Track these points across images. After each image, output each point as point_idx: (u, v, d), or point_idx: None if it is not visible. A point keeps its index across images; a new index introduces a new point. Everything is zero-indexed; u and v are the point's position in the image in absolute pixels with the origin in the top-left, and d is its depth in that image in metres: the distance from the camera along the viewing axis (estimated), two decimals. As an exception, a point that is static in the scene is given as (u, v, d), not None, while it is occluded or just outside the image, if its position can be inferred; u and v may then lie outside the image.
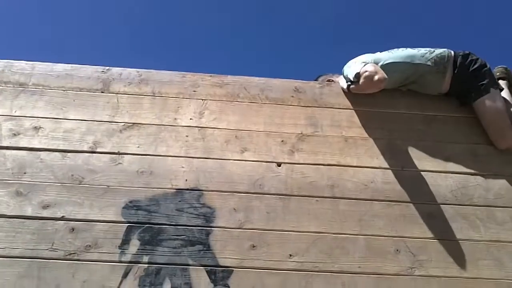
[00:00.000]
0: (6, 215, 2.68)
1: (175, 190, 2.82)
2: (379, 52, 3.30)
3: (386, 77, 3.01)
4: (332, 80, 3.47)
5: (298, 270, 2.65)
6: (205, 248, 2.66)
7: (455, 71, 3.21)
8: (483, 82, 3.16)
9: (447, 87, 3.25)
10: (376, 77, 3.01)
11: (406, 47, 3.32)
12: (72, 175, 2.83)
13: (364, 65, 3.10)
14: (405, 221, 2.82)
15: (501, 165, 3.06)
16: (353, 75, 3.13)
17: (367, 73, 3.04)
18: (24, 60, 3.29)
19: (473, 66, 3.20)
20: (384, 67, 3.13)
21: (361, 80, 3.07)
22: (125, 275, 2.56)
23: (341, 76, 3.36)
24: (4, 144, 2.91)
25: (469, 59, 3.23)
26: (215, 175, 2.89)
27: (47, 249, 2.60)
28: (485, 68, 3.21)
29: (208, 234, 2.70)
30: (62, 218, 2.69)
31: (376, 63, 3.16)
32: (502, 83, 3.37)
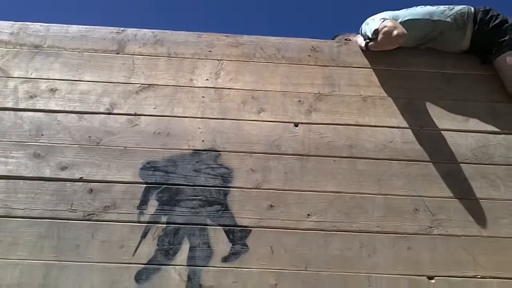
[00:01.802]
0: (24, 176, 2.70)
1: (192, 151, 2.82)
2: (397, 10, 3.24)
3: (405, 32, 2.96)
4: (350, 39, 3.41)
5: (316, 230, 2.66)
6: (223, 208, 2.67)
7: (476, 27, 3.15)
8: (505, 38, 3.09)
9: (467, 44, 3.18)
10: (395, 32, 2.96)
11: (426, 4, 3.26)
12: (90, 137, 2.83)
13: (383, 21, 3.04)
14: (424, 181, 2.81)
15: (523, 124, 3.02)
16: (372, 32, 3.08)
17: (385, 29, 2.99)
18: (39, 22, 3.26)
19: (493, 22, 3.13)
20: (403, 24, 3.06)
21: (380, 36, 3.02)
22: (143, 235, 2.58)
23: (359, 35, 3.31)
24: (21, 106, 2.91)
25: (489, 15, 3.15)
26: (232, 136, 2.88)
27: (66, 210, 2.62)
28: (507, 24, 3.13)
29: (226, 194, 2.71)
30: (80, 180, 2.70)
31: (394, 20, 3.09)
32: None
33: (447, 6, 3.22)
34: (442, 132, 2.95)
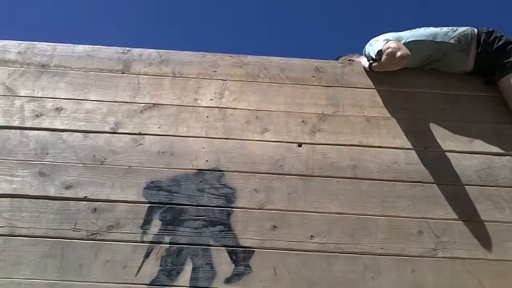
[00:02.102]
0: (29, 195, 2.71)
1: (196, 171, 2.82)
2: (400, 32, 3.24)
3: (409, 53, 2.97)
4: (353, 60, 3.42)
5: (320, 251, 2.65)
6: (226, 229, 2.66)
7: (479, 49, 3.14)
8: (509, 60, 3.09)
9: (471, 65, 3.18)
10: (399, 53, 2.97)
11: (429, 26, 3.26)
12: (94, 156, 2.84)
13: (387, 42, 3.05)
14: (428, 202, 2.80)
15: (527, 145, 3.00)
16: (375, 53, 3.08)
17: (389, 50, 3.00)
18: (46, 42, 3.29)
19: (497, 43, 3.13)
20: (406, 45, 3.06)
21: (384, 57, 3.03)
22: (147, 255, 2.58)
23: (362, 56, 3.32)
24: (27, 125, 2.93)
25: (493, 36, 3.15)
26: (235, 156, 2.88)
27: (70, 229, 2.63)
28: (510, 45, 3.13)
29: (229, 214, 2.70)
30: (84, 199, 2.71)
31: (398, 41, 3.10)
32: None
33: (450, 27, 3.22)
34: (446, 153, 2.94)
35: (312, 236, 2.68)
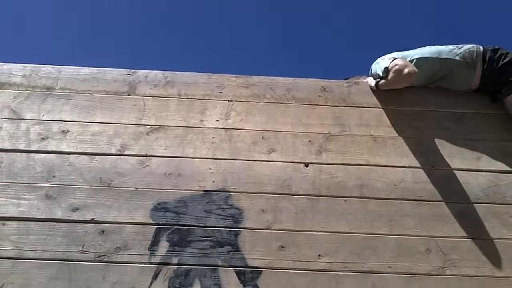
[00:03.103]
0: (36, 218, 2.71)
1: (202, 192, 2.82)
2: (406, 51, 3.26)
3: (416, 70, 2.99)
4: (360, 81, 3.42)
5: (328, 271, 2.64)
6: (234, 249, 2.66)
7: (485, 66, 3.16)
8: None
9: (477, 82, 3.19)
10: (406, 70, 2.99)
11: (434, 45, 3.29)
12: (101, 178, 2.84)
13: (393, 60, 3.07)
14: (436, 221, 2.79)
15: (534, 163, 3.01)
16: (382, 70, 3.10)
17: (397, 67, 3.01)
18: (51, 64, 3.31)
19: (503, 60, 3.14)
20: (412, 62, 3.09)
21: (391, 75, 3.04)
22: (155, 277, 2.57)
23: (369, 77, 3.33)
24: (33, 148, 2.93)
25: (498, 54, 3.17)
26: (242, 176, 2.88)
27: (77, 252, 2.62)
28: None
29: (236, 235, 2.70)
30: (91, 221, 2.71)
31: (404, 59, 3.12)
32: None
33: (455, 45, 3.24)
34: (453, 171, 2.94)
35: (320, 256, 2.67)
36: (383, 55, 3.26)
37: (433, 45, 3.26)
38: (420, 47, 3.26)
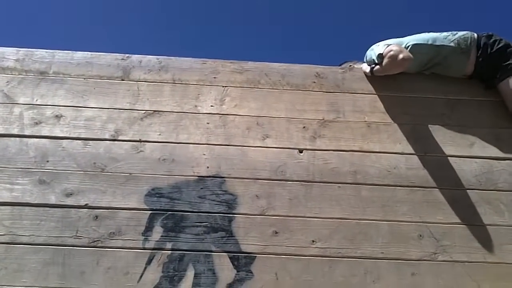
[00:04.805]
0: (30, 203, 2.71)
1: (197, 177, 2.82)
2: (401, 38, 3.26)
3: (411, 56, 2.99)
4: (354, 66, 3.42)
5: (321, 256, 2.66)
6: (227, 235, 2.67)
7: (479, 52, 3.17)
8: (508, 62, 3.11)
9: (471, 68, 3.20)
10: (401, 56, 2.99)
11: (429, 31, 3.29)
12: (94, 163, 2.84)
13: (388, 46, 3.07)
14: (428, 207, 2.81)
15: (527, 149, 3.02)
16: (377, 56, 3.10)
17: (391, 53, 3.02)
18: (44, 49, 3.28)
19: (497, 46, 3.16)
20: (407, 49, 3.09)
21: (385, 60, 3.04)
22: (148, 262, 2.58)
23: (364, 63, 3.33)
24: (27, 132, 2.92)
25: (492, 40, 3.18)
26: (236, 162, 2.89)
27: (71, 237, 2.62)
28: (510, 48, 3.16)
29: (230, 220, 2.71)
30: (85, 206, 2.71)
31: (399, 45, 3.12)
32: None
33: (450, 32, 3.25)
34: (446, 158, 2.96)
35: (313, 241, 2.69)
36: (378, 42, 3.26)
37: (428, 32, 3.27)
38: (416, 33, 3.26)
